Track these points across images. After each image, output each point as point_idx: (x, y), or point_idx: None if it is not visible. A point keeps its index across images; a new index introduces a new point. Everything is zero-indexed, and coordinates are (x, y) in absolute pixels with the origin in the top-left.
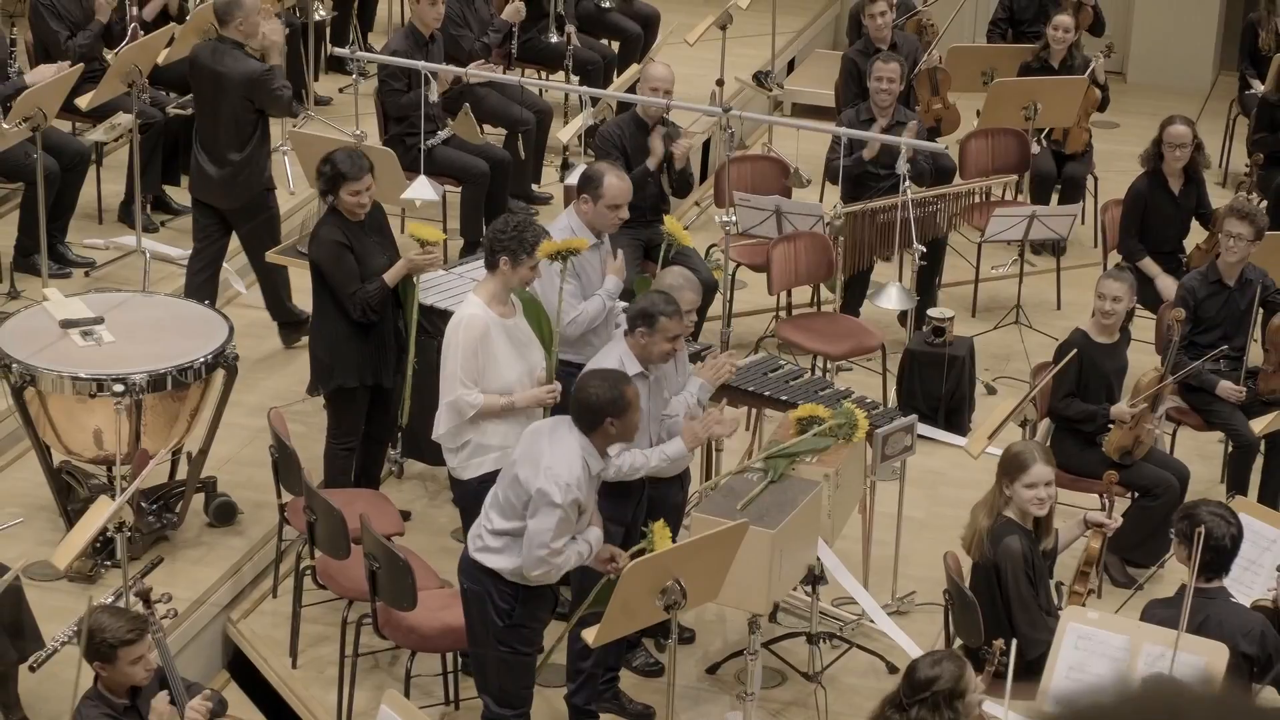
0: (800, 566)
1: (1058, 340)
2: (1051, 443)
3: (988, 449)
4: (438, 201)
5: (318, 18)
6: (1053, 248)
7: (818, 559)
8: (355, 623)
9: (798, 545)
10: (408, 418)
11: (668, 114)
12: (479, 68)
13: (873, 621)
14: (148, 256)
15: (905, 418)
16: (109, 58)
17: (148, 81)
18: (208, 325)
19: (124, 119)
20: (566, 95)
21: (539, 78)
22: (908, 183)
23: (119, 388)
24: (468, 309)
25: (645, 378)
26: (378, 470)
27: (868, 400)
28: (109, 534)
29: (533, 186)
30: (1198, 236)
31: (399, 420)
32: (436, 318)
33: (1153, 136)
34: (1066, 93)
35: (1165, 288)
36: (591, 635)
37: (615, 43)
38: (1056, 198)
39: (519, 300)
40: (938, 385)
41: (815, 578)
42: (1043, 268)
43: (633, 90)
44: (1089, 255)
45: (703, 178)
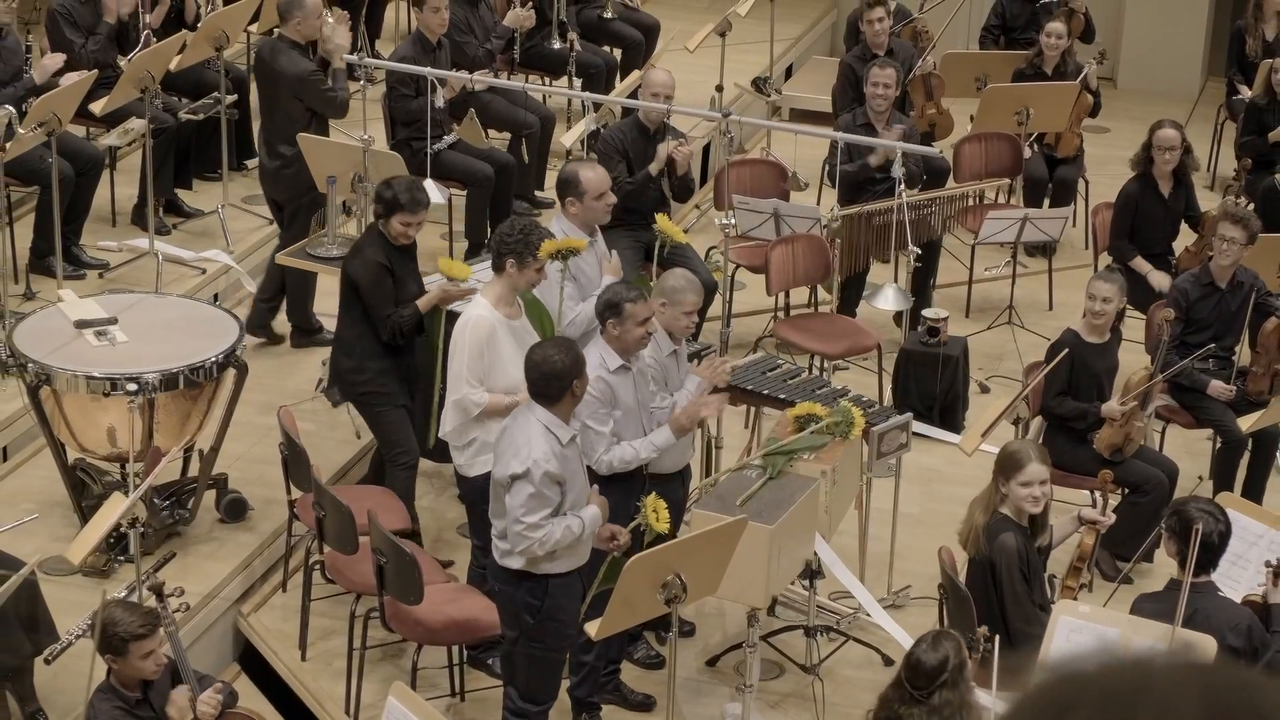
0: (798, 561)
1: (1049, 340)
2: (1044, 440)
3: (981, 446)
4: (443, 205)
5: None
6: (1044, 250)
7: (815, 554)
8: (363, 616)
9: (795, 540)
10: (434, 440)
11: (668, 119)
12: (481, 75)
13: (869, 615)
14: (160, 258)
15: (901, 416)
16: (122, 64)
17: (160, 87)
18: (219, 325)
19: (137, 124)
20: (569, 100)
21: (542, 83)
22: (903, 186)
23: (132, 386)
24: (474, 310)
25: (627, 370)
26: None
27: (864, 399)
28: (122, 529)
29: (536, 190)
30: (1187, 238)
31: (427, 443)
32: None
33: (1143, 141)
34: (1058, 98)
35: (1158, 281)
36: (594, 629)
37: (617, 49)
38: (1048, 201)
39: (523, 301)
40: (932, 384)
41: (813, 572)
42: (1035, 269)
43: (634, 96)
44: (1080, 257)
45: (702, 181)
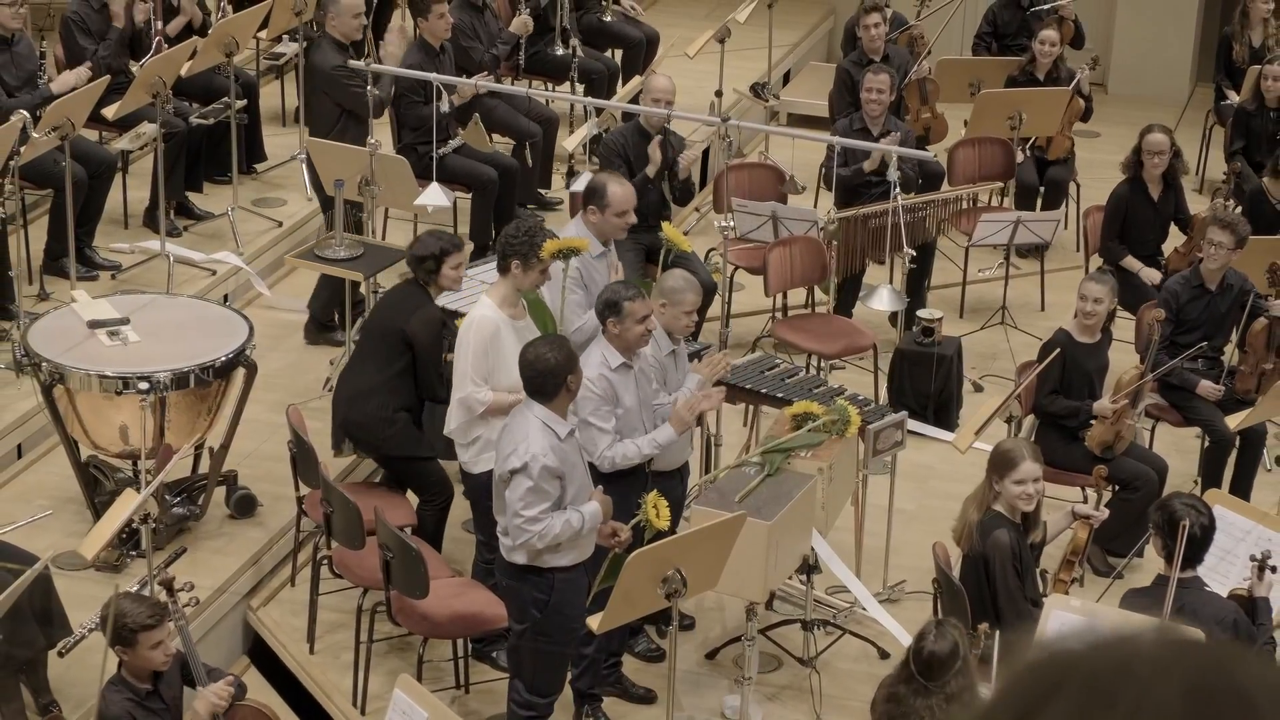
0: (795, 556)
1: (1041, 340)
2: (1036, 438)
3: (975, 444)
4: (449, 208)
5: None
6: (1037, 251)
7: (812, 549)
8: (370, 610)
9: (793, 536)
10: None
11: (669, 124)
12: (484, 79)
13: (865, 609)
14: (171, 260)
15: (896, 414)
16: (134, 70)
17: (171, 93)
18: (229, 325)
19: (149, 128)
20: (572, 105)
21: (546, 89)
22: (898, 189)
23: (144, 385)
24: (480, 310)
25: (629, 368)
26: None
27: (860, 397)
28: (134, 525)
29: (540, 193)
30: (1176, 240)
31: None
32: (450, 319)
33: (1133, 145)
34: (1050, 103)
35: (1149, 277)
36: (596, 622)
37: (618, 52)
38: (1040, 204)
39: (526, 302)
40: (927, 383)
41: (810, 567)
42: (1027, 271)
43: (636, 101)
44: (1071, 259)
45: (702, 185)
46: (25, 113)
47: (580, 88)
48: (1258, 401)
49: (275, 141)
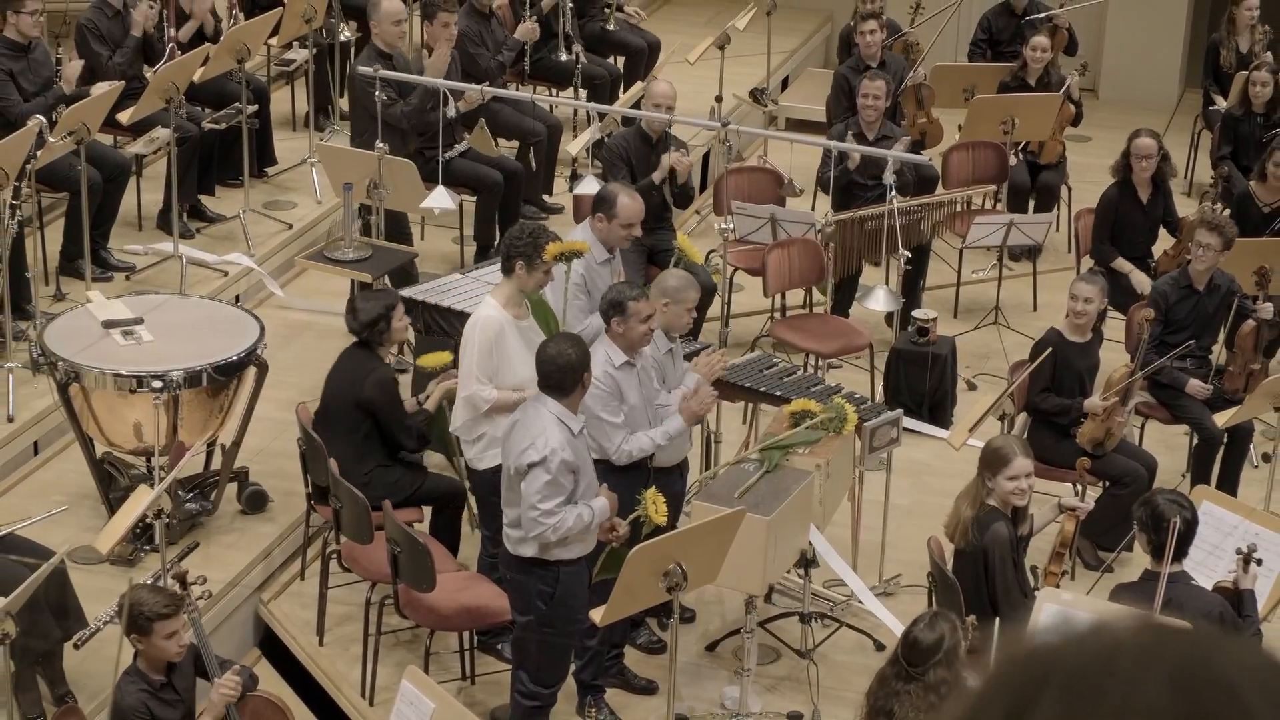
0: (793, 551)
1: (1034, 339)
2: (1028, 435)
3: (968, 441)
4: (454, 210)
5: (343, 38)
6: (1029, 253)
7: (810, 544)
8: (378, 603)
9: (791, 531)
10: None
11: (669, 128)
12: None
13: (861, 602)
14: (184, 261)
15: (892, 412)
16: (148, 76)
17: (184, 98)
18: (240, 326)
19: (162, 133)
20: (575, 110)
21: (550, 94)
22: (893, 192)
23: (157, 384)
24: (484, 310)
25: (632, 366)
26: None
27: (856, 396)
28: (148, 520)
29: (544, 196)
30: (1165, 243)
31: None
32: (454, 319)
33: (1122, 149)
34: (1042, 108)
35: (1139, 281)
36: (598, 615)
37: (620, 58)
38: (1032, 206)
39: (529, 302)
40: (922, 382)
41: (807, 561)
42: (1020, 272)
43: (637, 106)
44: (1063, 260)
45: (703, 188)
46: (41, 118)
47: (583, 93)
48: (1245, 400)
49: (286, 146)
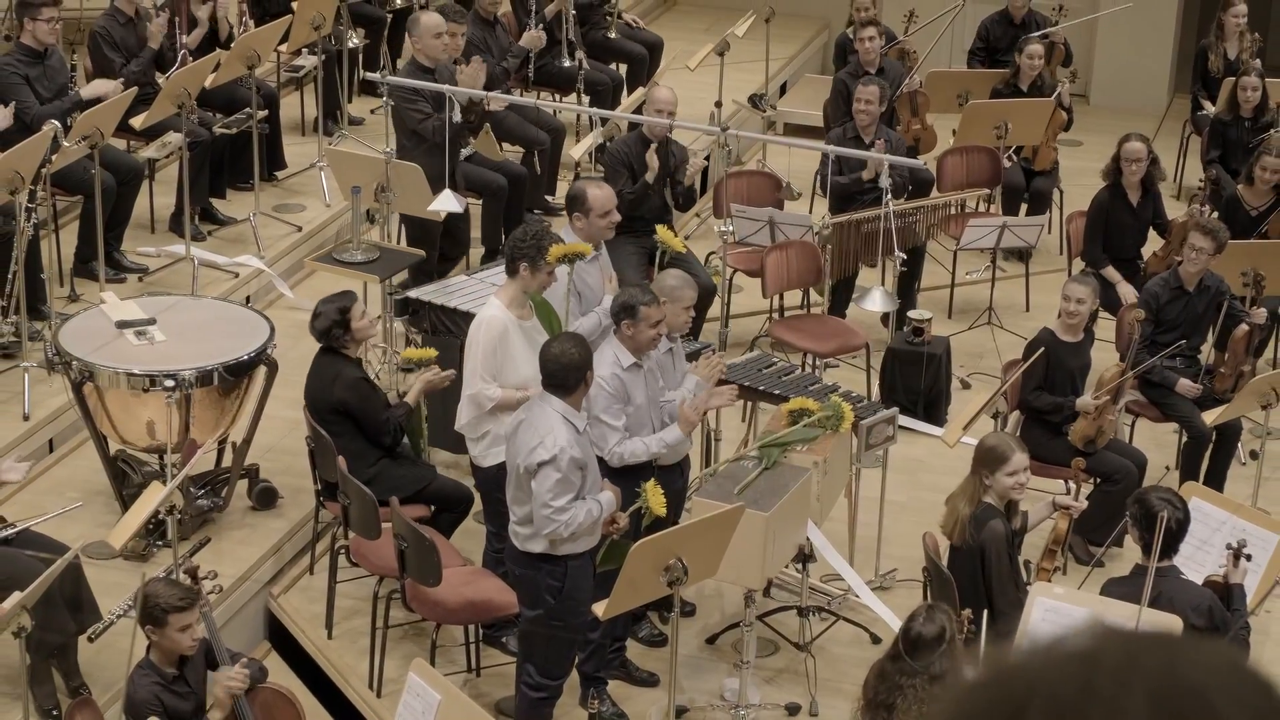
0: (791, 546)
1: (1026, 339)
2: (1021, 433)
3: (963, 438)
4: (461, 213)
5: (351, 45)
6: (1022, 255)
7: (807, 539)
8: (385, 597)
9: (789, 526)
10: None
11: (670, 133)
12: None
13: (858, 596)
14: (196, 263)
15: (887, 410)
16: (160, 81)
17: (196, 103)
18: (251, 326)
19: (174, 138)
20: (578, 116)
21: (553, 100)
22: (889, 196)
23: (170, 383)
24: (489, 311)
25: (639, 368)
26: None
27: (853, 394)
28: (160, 516)
29: (548, 199)
30: (1155, 244)
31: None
32: (460, 319)
33: (1112, 153)
34: (1034, 113)
35: (1125, 294)
36: (601, 608)
37: (623, 65)
38: (1025, 209)
39: (533, 303)
40: (917, 380)
41: (805, 556)
42: (1012, 273)
43: (639, 111)
44: (1055, 262)
45: (703, 191)
46: (56, 123)
47: (586, 99)
48: (1233, 399)
49: (295, 150)
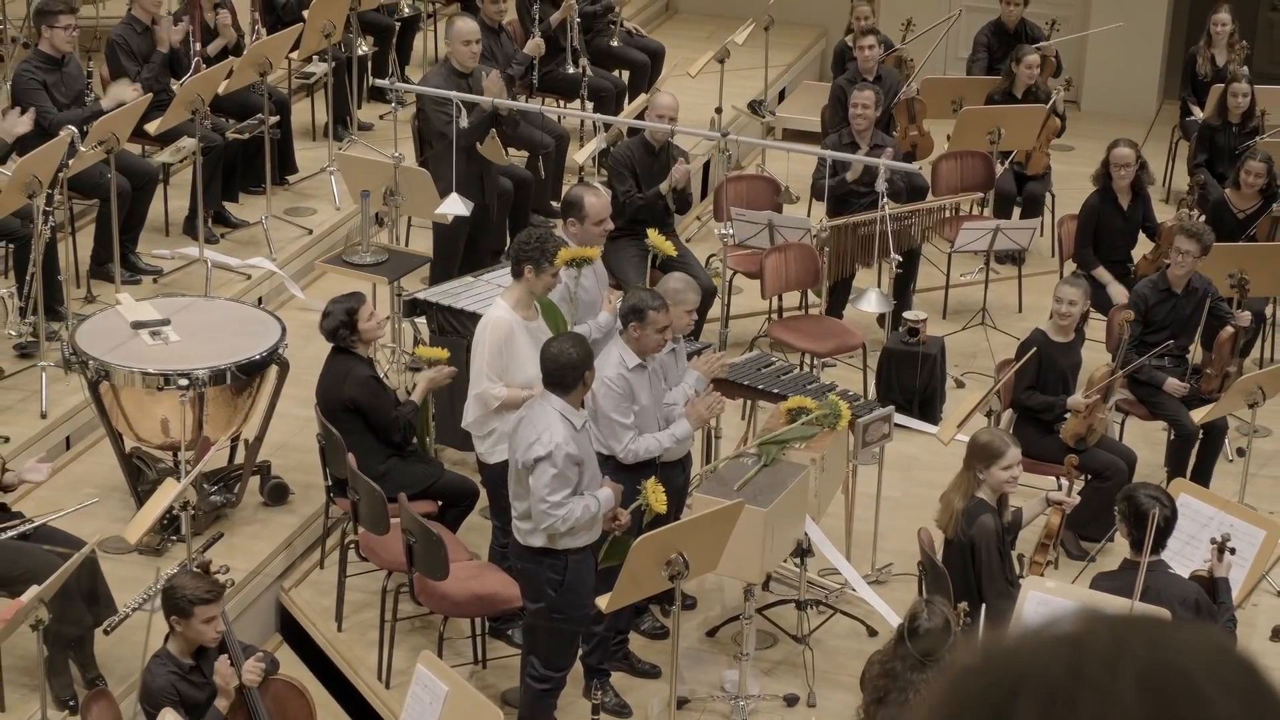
0: (790, 541)
1: (1019, 339)
2: (1013, 430)
3: (957, 436)
4: (467, 216)
5: (360, 52)
6: (1014, 257)
7: (805, 534)
8: (394, 591)
9: (788, 522)
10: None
11: (672, 138)
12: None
13: (855, 590)
14: (209, 265)
15: (883, 408)
16: (175, 88)
17: (209, 109)
18: (263, 326)
19: (188, 143)
20: (582, 121)
21: (557, 105)
22: (885, 199)
23: (184, 382)
24: (495, 312)
25: (644, 368)
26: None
27: (850, 393)
28: (175, 512)
29: (552, 203)
30: (1145, 247)
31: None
32: (467, 320)
33: (1102, 158)
34: (1026, 119)
35: (1116, 295)
36: (604, 602)
37: (625, 72)
38: (1018, 213)
39: (539, 304)
40: (912, 380)
41: (803, 551)
42: (1005, 275)
43: (641, 116)
44: (1047, 264)
45: (703, 195)
46: (73, 128)
47: (589, 105)
48: (1220, 398)
49: (306, 155)
